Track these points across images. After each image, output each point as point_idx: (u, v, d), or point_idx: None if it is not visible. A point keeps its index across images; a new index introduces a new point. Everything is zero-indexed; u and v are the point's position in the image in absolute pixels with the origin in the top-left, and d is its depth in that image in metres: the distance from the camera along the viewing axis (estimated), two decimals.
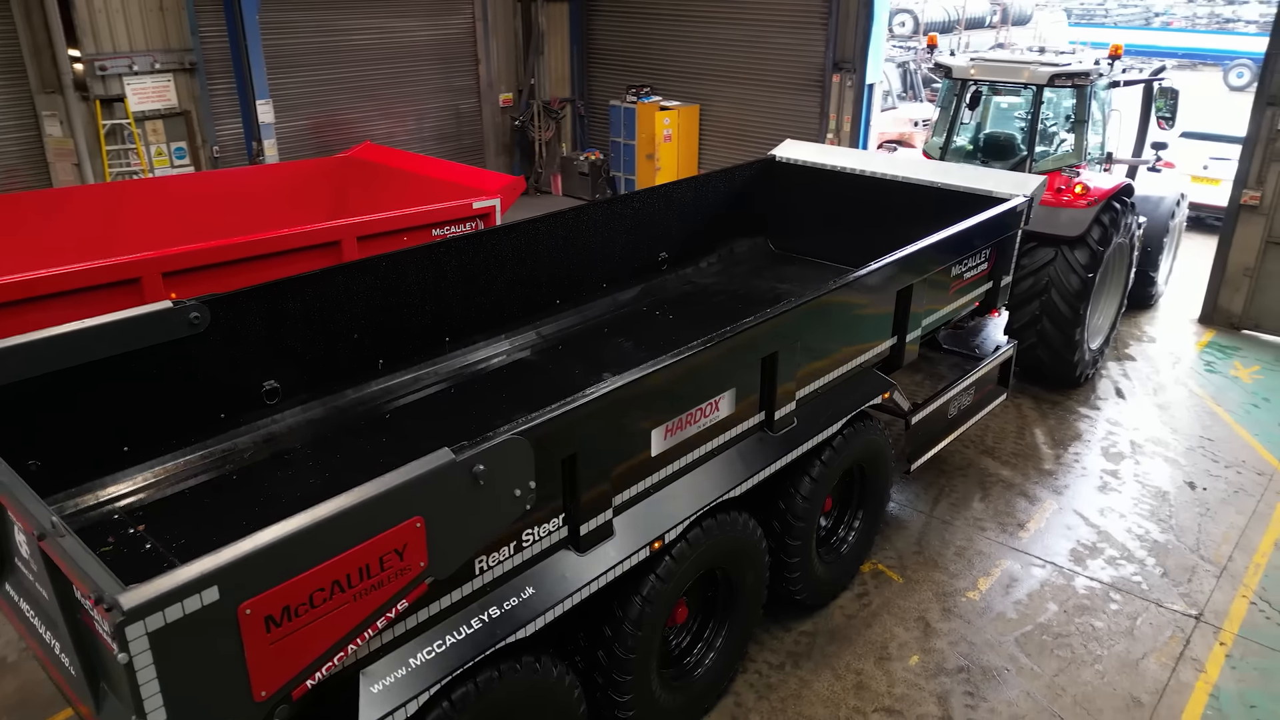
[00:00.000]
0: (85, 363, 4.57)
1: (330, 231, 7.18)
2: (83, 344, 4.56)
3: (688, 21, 15.20)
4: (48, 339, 4.44)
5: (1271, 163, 10.24)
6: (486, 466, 3.49)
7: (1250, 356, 10.25)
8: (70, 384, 4.54)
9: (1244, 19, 44.41)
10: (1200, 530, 7.04)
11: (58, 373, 4.47)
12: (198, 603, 2.76)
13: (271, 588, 2.94)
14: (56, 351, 4.49)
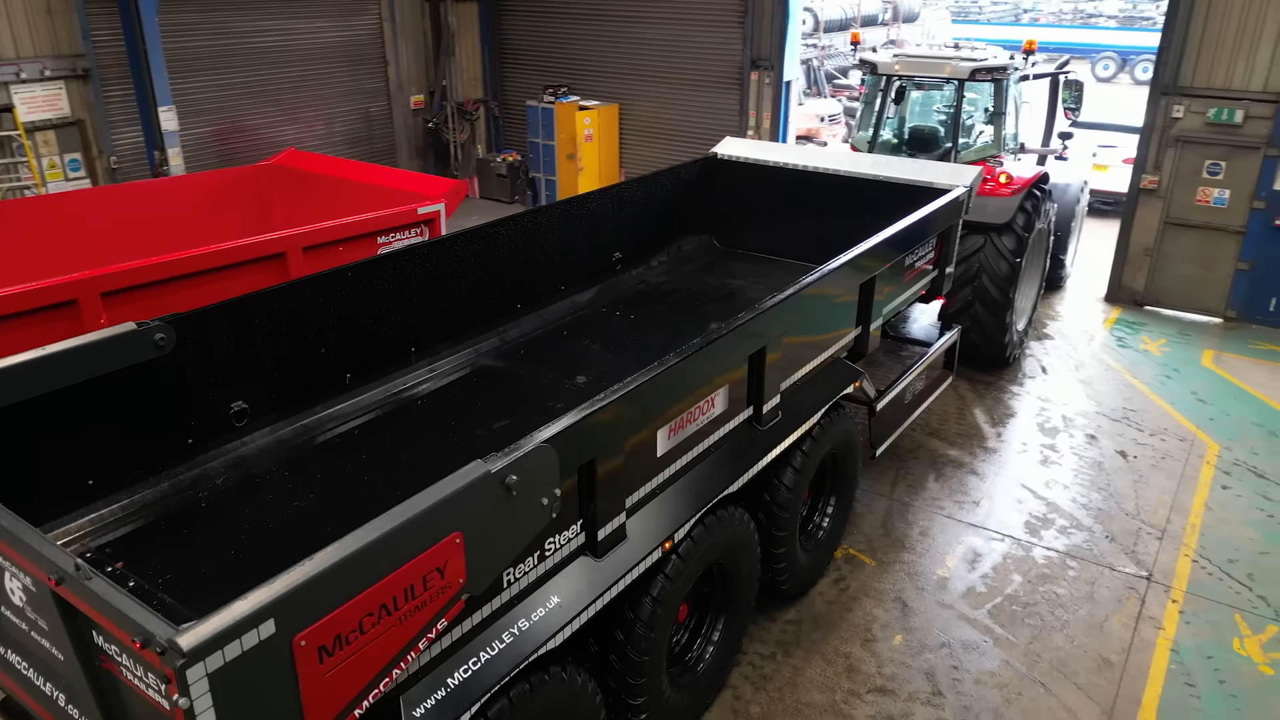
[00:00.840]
0: (44, 394, 4.27)
1: (275, 243, 6.89)
2: (41, 373, 4.26)
3: (604, 21, 15.18)
4: (1, 370, 4.12)
5: (1167, 148, 10.95)
6: (518, 476, 3.42)
7: (1156, 331, 10.95)
8: (28, 417, 4.23)
9: (1105, 14, 47.32)
10: (1137, 496, 7.49)
11: (13, 406, 4.16)
12: (255, 638, 2.62)
13: (324, 616, 2.82)
14: (12, 383, 4.18)
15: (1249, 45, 10.32)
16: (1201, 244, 11.11)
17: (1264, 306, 10.94)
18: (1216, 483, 7.68)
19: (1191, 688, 5.49)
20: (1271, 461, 8.00)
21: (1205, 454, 8.14)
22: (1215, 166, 10.75)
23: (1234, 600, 6.25)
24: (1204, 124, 10.68)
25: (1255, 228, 10.70)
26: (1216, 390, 9.38)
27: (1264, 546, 6.83)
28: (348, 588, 2.88)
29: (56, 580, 2.85)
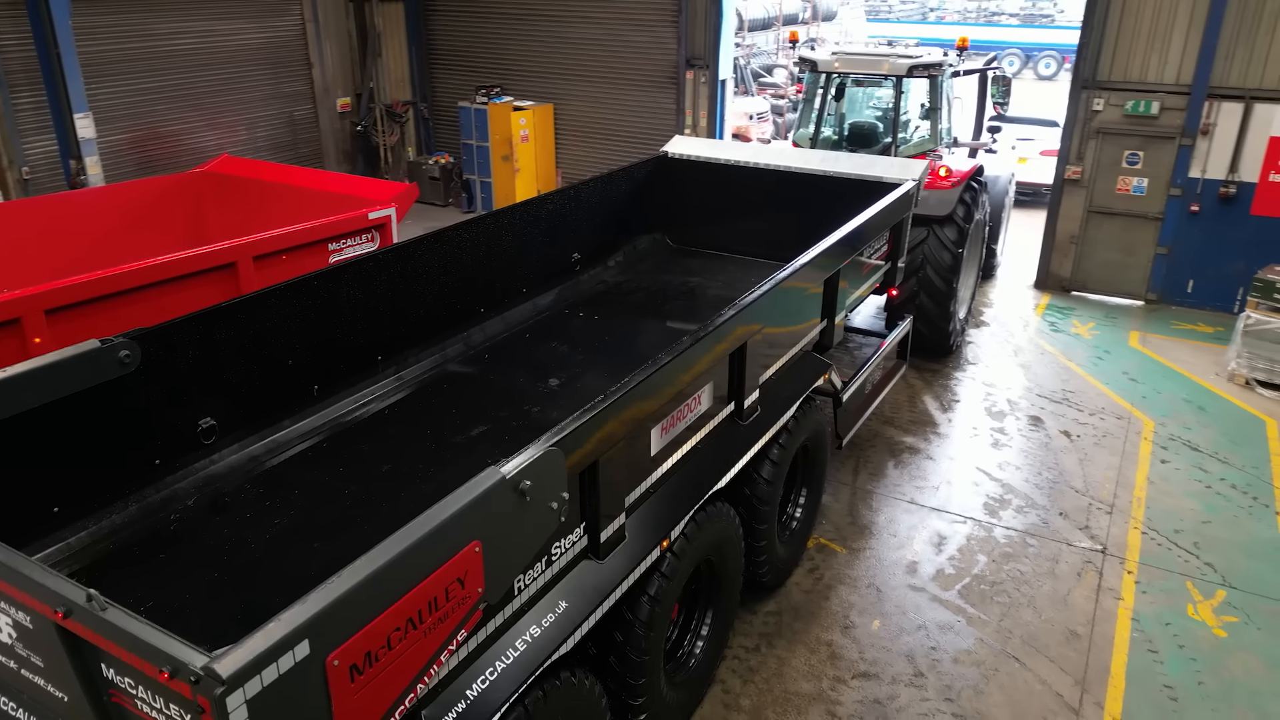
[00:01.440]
0: (4, 419, 4.04)
1: (225, 253, 6.64)
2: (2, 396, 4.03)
3: (535, 21, 15.08)
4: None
5: (1088, 140, 11.44)
6: (531, 481, 3.38)
7: (1084, 315, 11.43)
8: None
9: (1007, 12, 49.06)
10: (1084, 474, 7.81)
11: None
12: (290, 660, 2.53)
13: (354, 634, 2.74)
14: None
15: (1161, 40, 10.86)
16: (1123, 231, 11.64)
17: (1182, 288, 11.53)
18: (1155, 457, 8.07)
19: (1154, 654, 5.76)
20: (1203, 435, 8.44)
21: (1142, 430, 8.54)
22: (1134, 156, 11.28)
23: (1184, 568, 6.58)
24: (1122, 116, 11.19)
25: (1172, 214, 11.26)
26: (1146, 369, 9.85)
27: (1205, 516, 7.20)
28: (377, 603, 2.81)
29: (64, 613, 2.70)
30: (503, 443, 5.33)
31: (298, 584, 4.00)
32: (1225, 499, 7.43)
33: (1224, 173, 10.85)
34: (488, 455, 5.21)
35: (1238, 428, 8.59)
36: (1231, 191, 10.83)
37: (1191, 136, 10.86)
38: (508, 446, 5.24)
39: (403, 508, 4.67)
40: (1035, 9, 48.71)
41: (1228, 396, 9.23)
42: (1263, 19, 10.30)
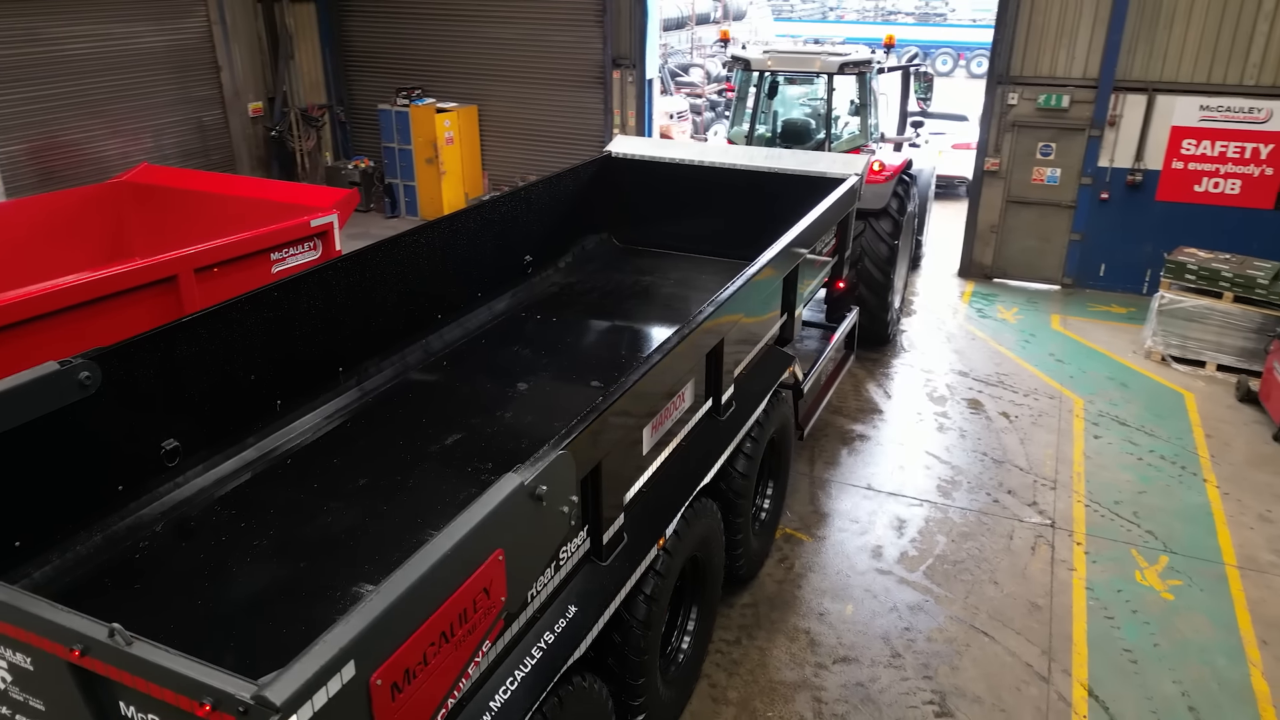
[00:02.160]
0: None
1: (165, 266, 6.34)
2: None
3: (455, 21, 14.85)
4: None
5: (1005, 133, 11.93)
6: (547, 486, 3.34)
7: (1008, 300, 11.91)
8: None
9: (903, 10, 50.69)
10: (1026, 452, 8.15)
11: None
12: (339, 683, 2.44)
13: (395, 651, 2.66)
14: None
15: (1069, 37, 11.40)
16: (1039, 219, 12.18)
17: (1095, 272, 12.14)
18: (1089, 433, 8.48)
19: (1110, 620, 6.06)
20: (1129, 410, 8.91)
21: (1074, 409, 8.96)
22: (1047, 148, 11.81)
23: (1127, 537, 6.94)
24: (1035, 110, 11.71)
25: (1084, 202, 11.84)
26: (1069, 350, 10.33)
27: (1141, 486, 7.60)
28: (414, 618, 2.74)
29: (81, 650, 2.55)
30: (480, 450, 5.25)
31: (293, 609, 3.89)
32: (1156, 470, 7.86)
33: (1130, 161, 11.46)
34: (467, 464, 5.15)
35: (1159, 402, 9.10)
36: (1138, 179, 11.45)
37: (1100, 128, 11.44)
38: (486, 453, 5.22)
39: (390, 522, 4.57)
40: (929, 8, 50.51)
41: (1146, 373, 9.77)
42: (1160, 15, 10.93)
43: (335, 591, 4.01)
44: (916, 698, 5.40)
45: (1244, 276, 9.41)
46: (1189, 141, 11.16)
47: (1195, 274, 9.66)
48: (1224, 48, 10.82)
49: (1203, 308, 9.64)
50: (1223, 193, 11.19)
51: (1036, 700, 5.38)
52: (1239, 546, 6.81)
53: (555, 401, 5.88)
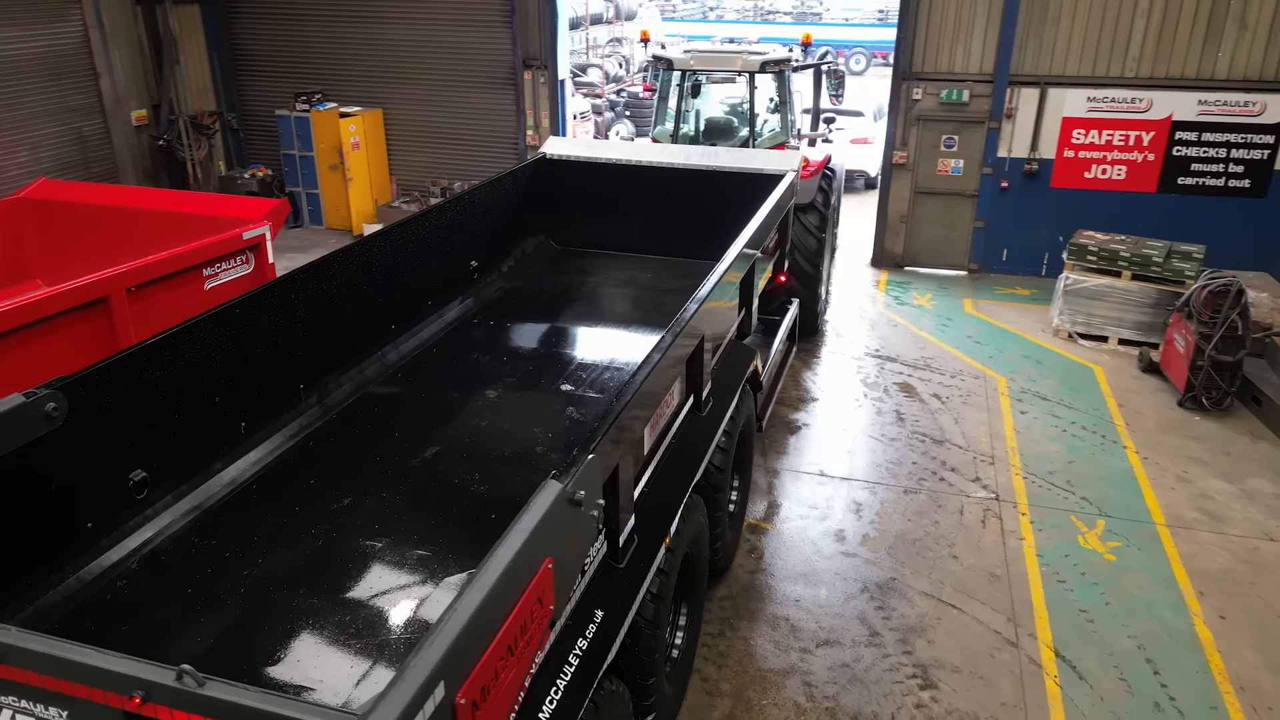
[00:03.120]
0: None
1: (96, 286, 5.94)
2: None
3: (354, 23, 14.40)
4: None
5: (911, 127, 12.44)
6: (584, 491, 3.32)
7: (921, 287, 12.43)
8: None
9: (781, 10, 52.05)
10: (962, 431, 8.54)
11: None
12: (432, 705, 2.37)
13: (473, 669, 2.60)
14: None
15: (965, 34, 11.97)
16: (945, 208, 12.75)
17: (998, 257, 12.80)
18: (1015, 410, 8.94)
19: (1064, 583, 6.42)
20: (1047, 386, 9.45)
21: (998, 387, 9.43)
22: (950, 140, 12.38)
23: (1065, 505, 7.36)
24: (938, 104, 12.25)
25: (986, 191, 12.47)
26: (984, 332, 10.87)
27: (1069, 457, 8.08)
28: (487, 633, 2.68)
29: (142, 697, 2.38)
30: (463, 461, 5.14)
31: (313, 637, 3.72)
32: (1081, 440, 8.37)
33: (1027, 151, 12.13)
34: (453, 476, 5.04)
35: (1072, 376, 9.68)
36: (1034, 168, 12.14)
37: (998, 120, 12.07)
38: (470, 464, 5.12)
39: (386, 541, 4.43)
40: (805, 7, 52.01)
41: (1057, 349, 10.37)
42: (1048, 13, 11.60)
43: (347, 616, 3.86)
44: (900, 673, 5.60)
45: (1140, 256, 10.11)
46: (1079, 131, 11.90)
47: (1096, 255, 10.32)
48: (1106, 42, 11.58)
49: (1104, 286, 10.30)
50: (1110, 178, 11.98)
51: (1010, 665, 5.66)
52: (1165, 506, 7.32)
53: (527, 408, 5.81)
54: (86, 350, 6.03)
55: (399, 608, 3.93)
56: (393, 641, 3.72)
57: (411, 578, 4.14)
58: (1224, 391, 8.76)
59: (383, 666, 3.58)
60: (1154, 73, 11.54)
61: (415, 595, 3.99)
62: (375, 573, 4.17)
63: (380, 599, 4.00)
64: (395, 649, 3.67)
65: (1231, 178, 11.61)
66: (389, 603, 3.98)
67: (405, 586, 4.07)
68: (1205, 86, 11.40)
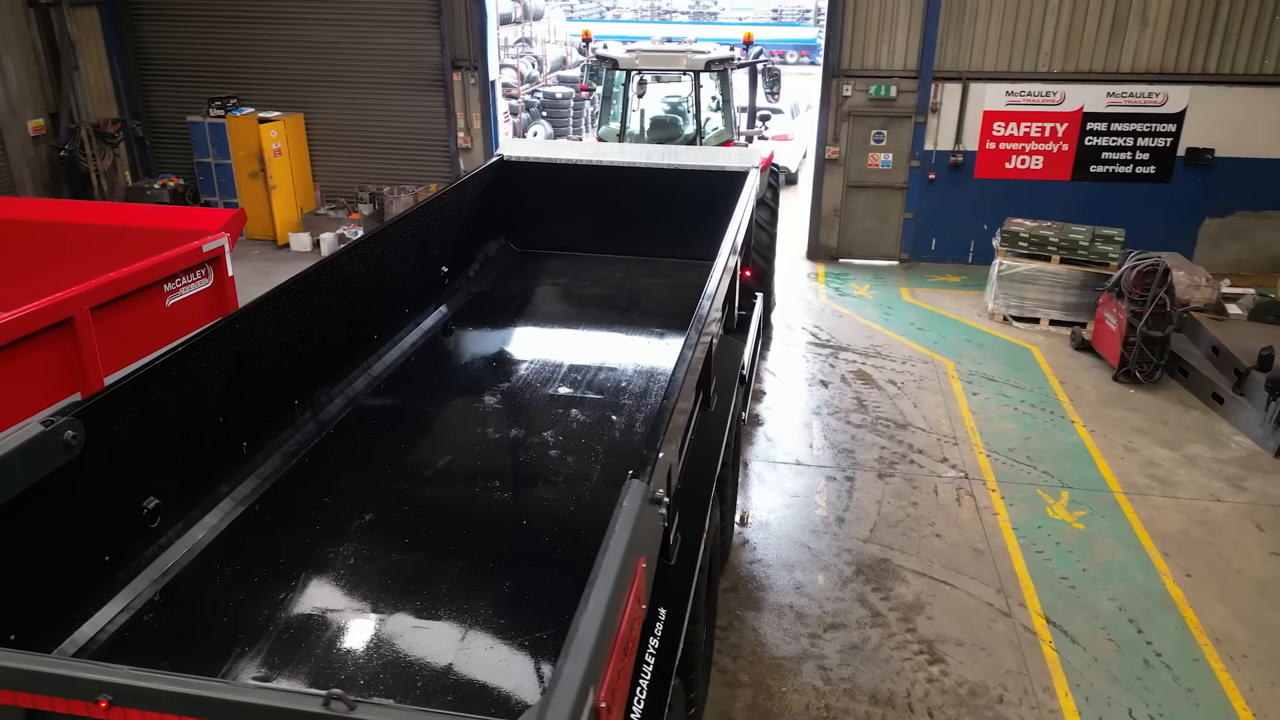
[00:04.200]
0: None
1: (60, 307, 5.58)
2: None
3: (271, 24, 13.88)
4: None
5: (842, 123, 12.79)
6: (661, 490, 3.34)
7: (859, 278, 12.81)
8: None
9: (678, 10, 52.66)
10: (922, 414, 8.85)
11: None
12: (585, 711, 2.36)
13: (607, 673, 2.58)
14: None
15: (889, 32, 12.40)
16: (876, 201, 13.17)
17: (927, 247, 13.30)
18: (967, 391, 9.33)
19: (1041, 554, 6.75)
20: (992, 367, 9.89)
21: (947, 371, 9.82)
22: (880, 135, 12.79)
23: (1029, 479, 7.73)
24: (868, 100, 12.64)
25: (914, 183, 12.94)
26: (925, 319, 11.29)
27: (1025, 433, 8.48)
28: (611, 636, 2.67)
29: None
30: (478, 469, 5.07)
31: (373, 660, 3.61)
32: (1032, 417, 8.80)
33: (951, 144, 12.65)
34: (473, 485, 4.96)
35: (1013, 357, 10.16)
36: (959, 160, 12.67)
37: (924, 114, 12.54)
38: (487, 471, 5.05)
39: (421, 555, 4.32)
40: (701, 7, 52.72)
41: (994, 332, 10.86)
42: (966, 11, 12.12)
43: (403, 632, 3.77)
44: (908, 650, 5.78)
45: (1068, 240, 10.68)
46: (999, 124, 12.48)
47: (1027, 241, 10.85)
48: (1020, 39, 12.18)
49: (1035, 271, 10.85)
50: (1029, 168, 12.61)
51: (1007, 634, 5.92)
52: (1119, 475, 7.78)
53: (529, 413, 5.75)
54: (52, 376, 5.68)
55: (456, 620, 3.85)
56: (465, 654, 3.65)
57: (459, 589, 4.06)
58: (1155, 365, 9.35)
59: (460, 678, 3.52)
60: (1065, 67, 12.20)
61: (470, 606, 3.92)
62: (418, 587, 4.07)
63: (434, 612, 3.91)
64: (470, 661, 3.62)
65: (1139, 165, 12.38)
66: (445, 615, 3.89)
67: (456, 598, 3.99)
68: (1112, 79, 12.13)
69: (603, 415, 5.65)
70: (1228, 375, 9.06)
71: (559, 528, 4.58)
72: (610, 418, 5.64)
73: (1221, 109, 11.96)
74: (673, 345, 6.74)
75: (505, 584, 4.14)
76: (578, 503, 4.79)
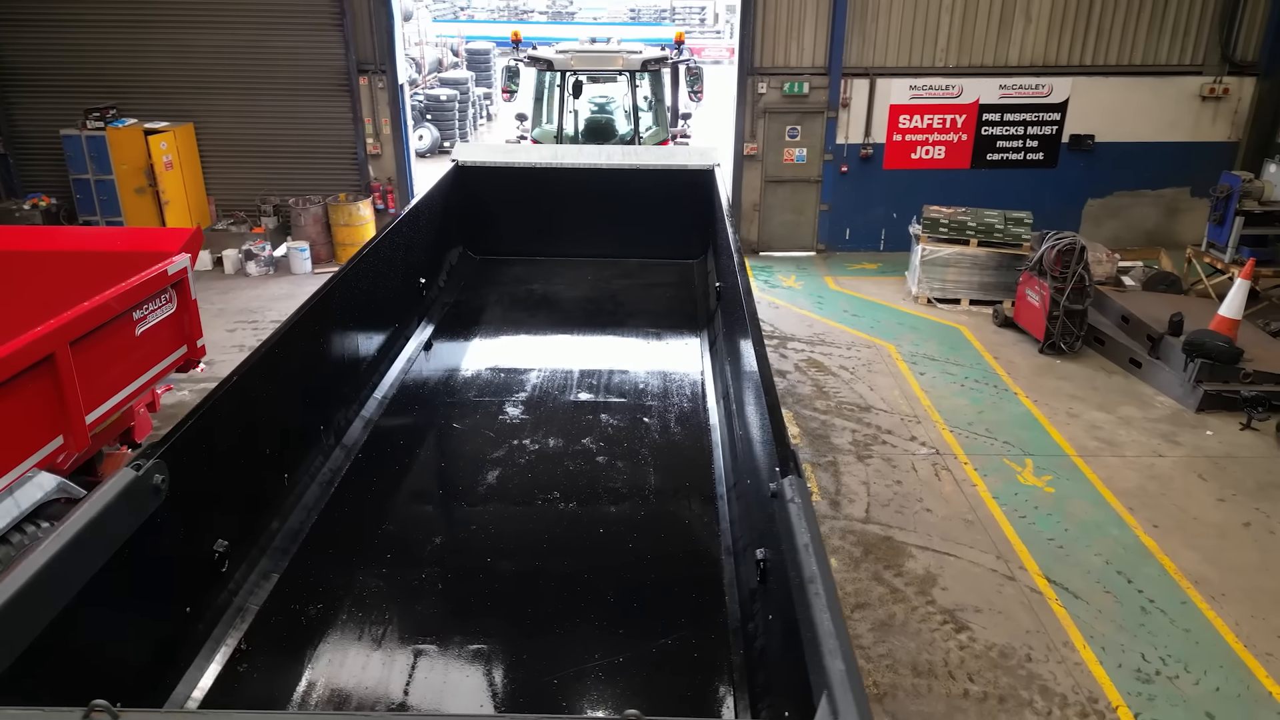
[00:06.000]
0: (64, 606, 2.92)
1: (41, 344, 5.06)
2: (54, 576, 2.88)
3: (151, 28, 12.91)
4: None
5: (758, 119, 13.12)
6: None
7: (784, 270, 13.19)
8: (32, 658, 2.83)
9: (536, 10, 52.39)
10: (880, 396, 9.24)
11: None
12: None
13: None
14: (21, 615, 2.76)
15: (798, 31, 12.82)
16: (793, 195, 13.59)
17: (842, 237, 13.84)
18: (914, 372, 9.80)
19: (1025, 518, 7.19)
20: (930, 348, 10.41)
21: (890, 354, 10.28)
22: (794, 130, 13.20)
23: (994, 450, 8.21)
24: (782, 96, 13.02)
25: (828, 176, 13.43)
26: (855, 305, 11.76)
27: (979, 407, 9.00)
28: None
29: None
30: (529, 480, 4.94)
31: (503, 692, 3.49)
32: (979, 392, 9.34)
33: (861, 137, 13.21)
34: (534, 497, 4.85)
35: (946, 337, 10.74)
36: (869, 152, 13.24)
37: (835, 109, 13.04)
38: (541, 482, 4.96)
39: (512, 570, 4.20)
40: (559, 7, 52.66)
41: (922, 314, 11.44)
42: (868, 10, 12.68)
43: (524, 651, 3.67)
44: (933, 621, 6.05)
45: (984, 225, 11.37)
46: (904, 116, 13.13)
47: (947, 227, 11.48)
48: (919, 36, 12.85)
49: (955, 254, 11.50)
50: (933, 158, 13.33)
51: (1017, 597, 6.29)
52: (1070, 439, 8.38)
53: (560, 420, 5.65)
54: (35, 420, 5.16)
55: (574, 635, 3.77)
56: (598, 668, 3.59)
57: (563, 604, 3.97)
58: (1076, 336, 10.11)
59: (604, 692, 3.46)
60: (960, 62, 12.97)
61: (583, 621, 3.85)
62: (521, 605, 3.96)
63: (551, 629, 3.82)
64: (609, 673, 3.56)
65: (1029, 151, 13.32)
66: (561, 631, 3.80)
67: (564, 614, 3.90)
68: (1003, 73, 12.98)
69: (634, 419, 5.63)
70: (1141, 341, 9.90)
71: (637, 533, 4.55)
72: (642, 420, 5.62)
73: (1099, 98, 13.02)
74: (672, 345, 6.79)
75: (608, 595, 4.08)
76: (645, 507, 4.77)
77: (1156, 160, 13.39)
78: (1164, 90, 13.07)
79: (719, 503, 4.76)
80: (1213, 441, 8.33)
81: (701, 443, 5.38)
